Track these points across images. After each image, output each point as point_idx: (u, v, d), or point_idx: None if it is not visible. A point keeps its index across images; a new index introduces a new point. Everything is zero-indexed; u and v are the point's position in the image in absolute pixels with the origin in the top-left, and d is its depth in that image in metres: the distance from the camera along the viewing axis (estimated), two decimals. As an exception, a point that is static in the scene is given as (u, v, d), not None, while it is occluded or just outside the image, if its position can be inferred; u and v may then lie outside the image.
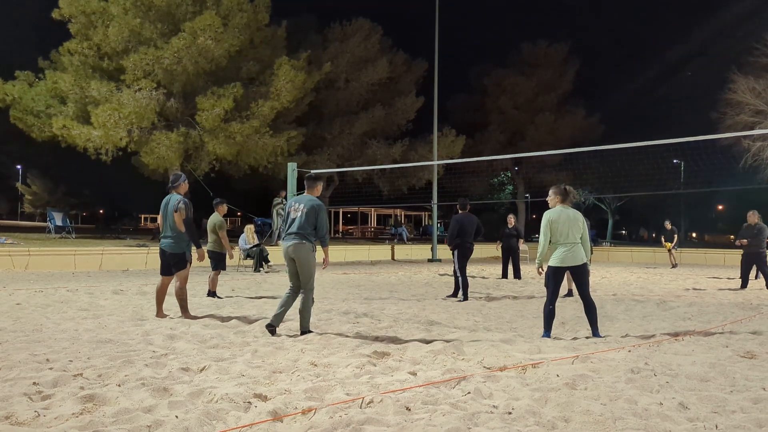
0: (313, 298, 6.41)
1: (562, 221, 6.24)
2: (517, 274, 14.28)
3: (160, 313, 7.47)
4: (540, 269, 6.58)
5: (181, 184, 7.43)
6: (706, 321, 7.74)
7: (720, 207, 59.89)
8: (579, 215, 6.37)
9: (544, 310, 6.40)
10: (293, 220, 6.27)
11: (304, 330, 6.26)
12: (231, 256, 9.86)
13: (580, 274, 6.33)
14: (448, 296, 10.36)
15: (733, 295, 11.15)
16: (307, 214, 6.20)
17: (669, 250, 19.65)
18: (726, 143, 27.13)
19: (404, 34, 51.08)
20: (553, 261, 6.31)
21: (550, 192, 6.50)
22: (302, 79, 23.73)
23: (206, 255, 7.23)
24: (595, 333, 6.39)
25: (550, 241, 6.34)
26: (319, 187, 6.56)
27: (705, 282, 14.38)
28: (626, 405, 3.84)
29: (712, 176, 29.18)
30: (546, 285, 6.42)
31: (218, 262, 9.77)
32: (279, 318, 6.27)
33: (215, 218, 9.86)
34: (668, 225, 19.83)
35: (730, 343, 5.95)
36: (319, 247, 6.40)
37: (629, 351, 5.53)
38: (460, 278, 9.97)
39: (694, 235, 65.83)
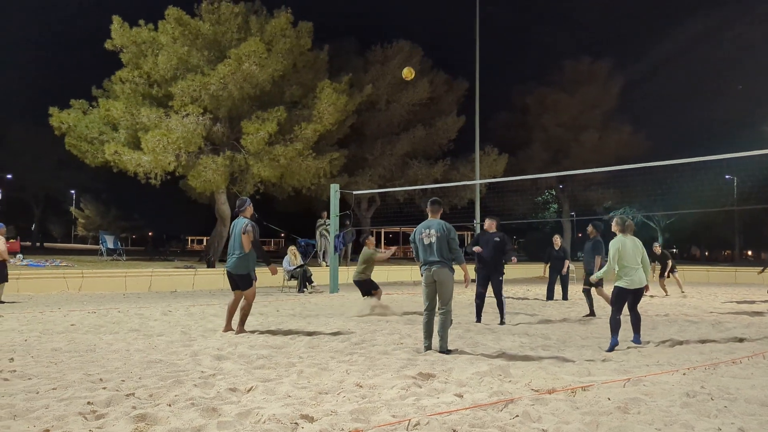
0: (451, 320, 6.71)
1: (627, 248, 7.04)
2: (565, 295, 13.99)
3: (227, 327, 7.86)
4: (596, 285, 7.51)
5: (247, 207, 7.98)
6: (765, 343, 7.43)
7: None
8: (639, 242, 7.21)
9: (610, 321, 7.07)
10: (429, 245, 6.60)
11: (443, 350, 6.44)
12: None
13: (638, 295, 7.19)
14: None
15: (793, 316, 10.67)
16: (439, 239, 6.54)
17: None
18: (781, 157, 26.18)
19: (445, 55, 51.55)
20: (621, 283, 7.06)
21: (613, 222, 7.39)
22: (344, 102, 24.03)
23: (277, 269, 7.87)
24: (636, 339, 7.27)
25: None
26: (441, 210, 6.95)
27: (763, 303, 13.81)
28: (682, 430, 3.71)
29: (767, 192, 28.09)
30: (612, 303, 7.21)
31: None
32: (431, 339, 6.67)
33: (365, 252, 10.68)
34: (657, 249, 15.81)
35: (791, 366, 5.70)
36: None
37: (684, 374, 5.35)
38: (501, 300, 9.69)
39: (749, 253, 63.37)
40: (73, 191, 62.48)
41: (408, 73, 10.86)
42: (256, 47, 21.07)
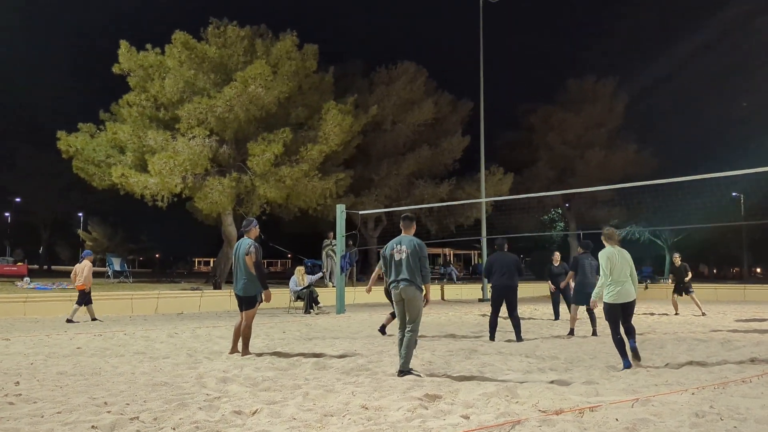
0: (416, 340, 6.49)
1: (617, 259, 6.84)
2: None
3: (233, 349, 7.79)
4: (595, 303, 7.15)
5: (252, 228, 7.84)
6: (775, 361, 7.34)
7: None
8: (627, 253, 6.99)
9: (614, 342, 6.93)
10: (399, 262, 6.43)
11: (404, 370, 6.26)
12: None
13: (629, 308, 6.95)
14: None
15: (804, 333, 10.54)
16: (410, 255, 6.38)
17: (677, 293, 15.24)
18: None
19: (450, 75, 51.75)
20: (609, 298, 6.84)
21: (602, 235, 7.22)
22: (349, 123, 24.19)
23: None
24: (632, 344, 6.91)
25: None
26: (415, 226, 6.76)
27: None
28: (692, 451, 3.65)
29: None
30: (607, 320, 6.98)
31: None
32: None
33: None
34: (677, 259, 15.37)
35: (803, 385, 5.62)
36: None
37: (693, 393, 5.28)
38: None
39: (758, 270, 62.86)
40: (80, 214, 62.86)
41: None
42: (262, 70, 21.29)
